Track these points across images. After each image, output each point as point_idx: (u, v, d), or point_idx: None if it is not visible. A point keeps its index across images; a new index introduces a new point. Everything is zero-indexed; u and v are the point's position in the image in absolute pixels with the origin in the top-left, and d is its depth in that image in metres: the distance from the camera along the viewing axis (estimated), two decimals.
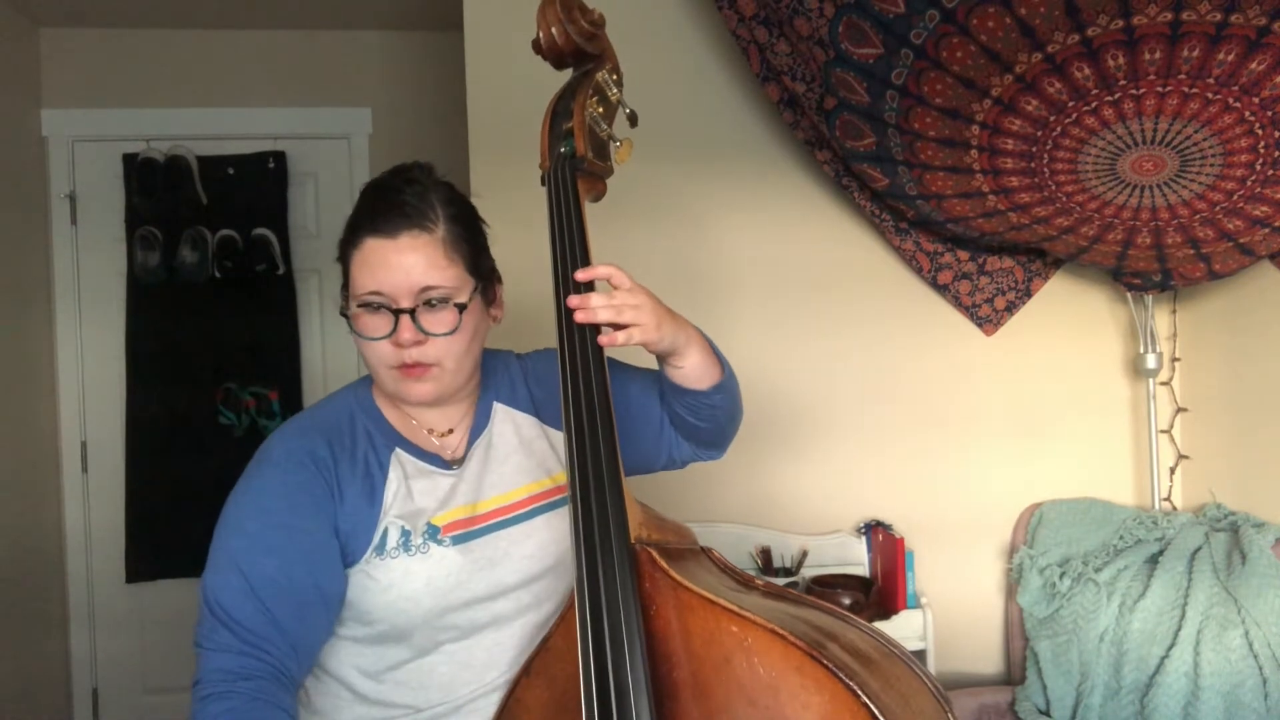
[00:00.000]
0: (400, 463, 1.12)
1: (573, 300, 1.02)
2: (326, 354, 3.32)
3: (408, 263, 1.05)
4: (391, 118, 3.29)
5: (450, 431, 1.19)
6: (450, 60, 2.93)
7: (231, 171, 3.22)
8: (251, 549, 1.02)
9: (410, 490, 1.11)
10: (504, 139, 2.30)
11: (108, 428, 3.21)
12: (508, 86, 2.31)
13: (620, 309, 1.02)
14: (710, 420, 1.21)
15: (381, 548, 1.07)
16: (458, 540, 1.09)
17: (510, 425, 1.21)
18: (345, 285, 1.11)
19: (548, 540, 1.15)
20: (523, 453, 1.20)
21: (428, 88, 3.26)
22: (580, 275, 1.03)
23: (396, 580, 1.06)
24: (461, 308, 1.08)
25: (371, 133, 3.30)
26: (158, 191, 3.11)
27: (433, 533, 1.09)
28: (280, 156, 3.24)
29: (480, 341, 1.15)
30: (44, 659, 3.08)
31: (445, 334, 1.08)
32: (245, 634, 0.99)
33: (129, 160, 3.17)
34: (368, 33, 3.29)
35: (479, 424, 1.20)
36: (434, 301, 1.07)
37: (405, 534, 1.08)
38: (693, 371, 1.14)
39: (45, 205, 3.17)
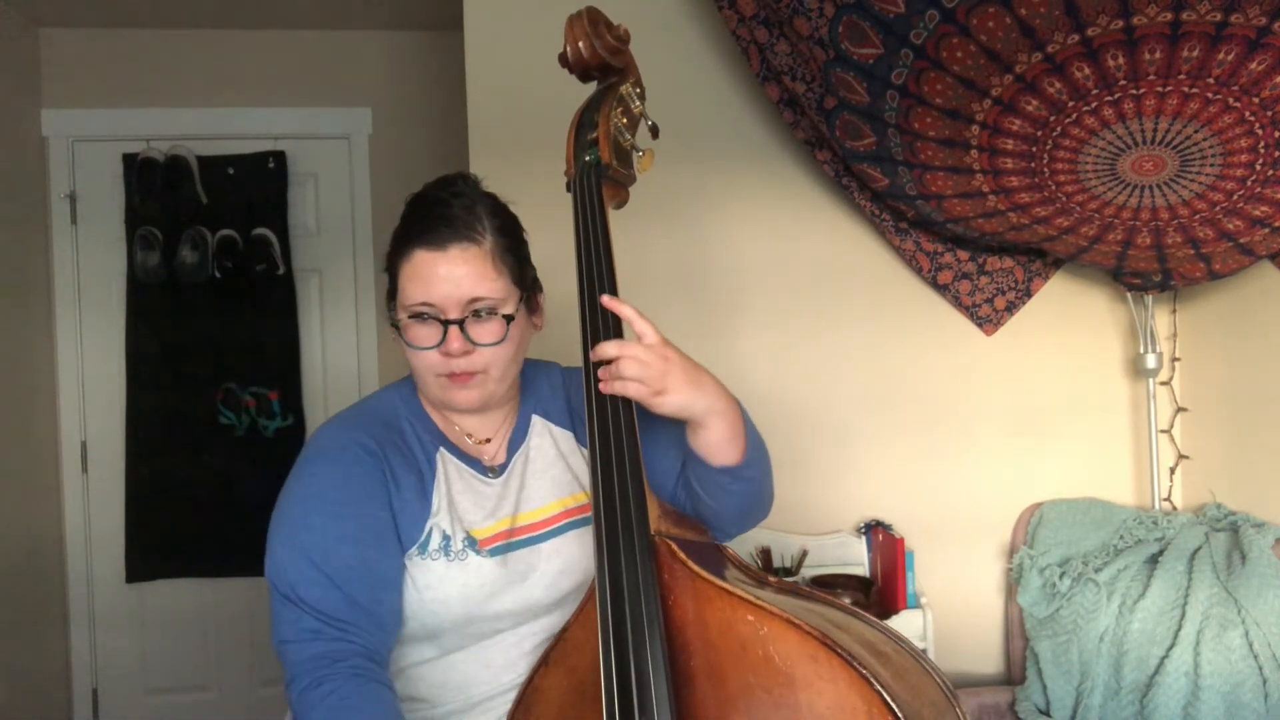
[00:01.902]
0: (445, 463, 1.15)
1: (594, 353, 1.04)
2: (326, 354, 3.32)
3: (456, 274, 1.08)
4: (391, 118, 3.29)
5: (488, 440, 1.21)
6: (450, 60, 2.93)
7: (231, 171, 3.22)
8: (323, 541, 1.05)
9: (454, 495, 1.14)
10: (504, 139, 2.30)
11: (108, 428, 3.21)
12: (508, 86, 2.31)
13: (626, 362, 1.02)
14: (715, 500, 1.18)
15: (424, 547, 1.10)
16: (494, 553, 1.12)
17: (548, 438, 1.24)
18: (392, 295, 1.14)
19: (578, 556, 1.16)
20: (559, 466, 1.22)
21: (428, 88, 3.27)
22: (606, 301, 1.05)
23: (433, 583, 1.08)
24: (509, 319, 1.11)
25: (371, 133, 3.30)
26: (158, 191, 3.11)
27: (472, 543, 1.11)
28: (280, 156, 3.24)
29: (523, 350, 1.18)
30: (44, 659, 3.08)
31: (493, 344, 1.10)
32: (332, 620, 1.02)
33: (129, 160, 3.17)
34: (368, 33, 3.29)
35: (518, 435, 1.23)
36: (481, 312, 1.09)
37: (446, 539, 1.10)
38: (706, 445, 1.12)
39: (45, 205, 3.17)
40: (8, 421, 2.91)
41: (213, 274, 3.16)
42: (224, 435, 3.21)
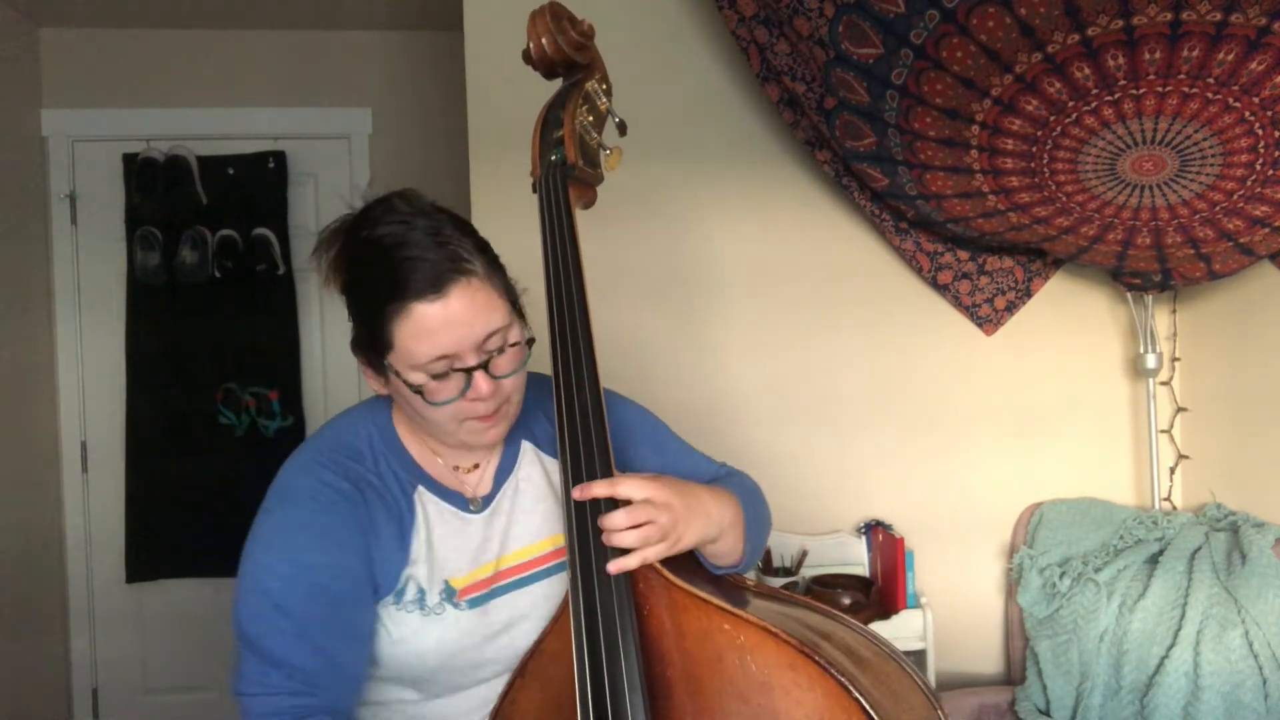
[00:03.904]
0: (424, 504, 1.08)
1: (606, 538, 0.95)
2: (326, 354, 3.32)
3: (466, 317, 0.97)
4: (391, 118, 3.29)
5: (475, 467, 1.14)
6: (450, 60, 2.93)
7: (231, 171, 3.22)
8: (292, 590, 0.97)
9: (433, 541, 1.06)
10: (504, 139, 2.30)
11: (108, 428, 3.21)
12: (508, 86, 2.31)
13: (623, 534, 0.94)
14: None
15: (399, 598, 1.03)
16: (474, 604, 1.06)
17: (539, 469, 1.16)
18: (375, 349, 1.01)
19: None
20: (550, 500, 1.14)
21: (428, 88, 3.27)
22: (577, 495, 0.97)
23: (407, 636, 1.03)
24: (531, 343, 1.04)
25: (371, 133, 3.30)
26: (158, 191, 3.11)
27: (449, 594, 1.05)
28: (280, 156, 3.24)
29: None
30: (44, 659, 3.08)
31: (514, 373, 1.03)
32: (299, 674, 0.95)
33: (129, 160, 3.17)
34: (368, 33, 3.29)
35: (506, 465, 1.15)
36: (502, 347, 1.02)
37: (421, 593, 1.04)
38: (712, 555, 1.06)
39: (45, 205, 3.17)
40: (8, 421, 2.91)
41: (213, 274, 3.16)
42: (224, 435, 3.21)
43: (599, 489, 0.95)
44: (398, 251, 0.98)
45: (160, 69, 3.21)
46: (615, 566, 0.93)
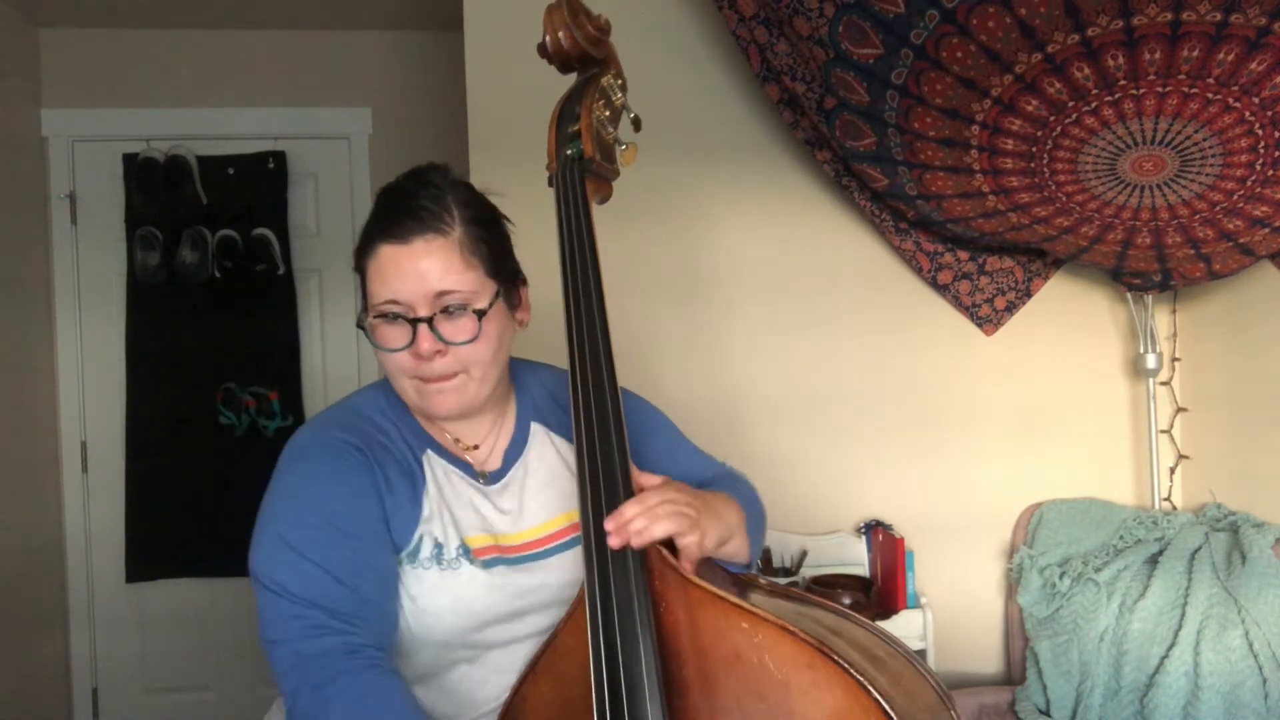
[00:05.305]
0: (433, 466, 1.10)
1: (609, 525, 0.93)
2: (326, 354, 3.32)
3: (422, 268, 1.02)
4: (391, 118, 3.29)
5: (476, 447, 1.15)
6: (450, 60, 2.94)
7: (231, 171, 3.22)
8: (319, 541, 0.99)
9: (446, 500, 1.08)
10: (504, 139, 2.30)
11: (108, 428, 3.21)
12: (508, 86, 2.31)
13: (625, 528, 0.92)
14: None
15: (415, 555, 1.05)
16: (489, 565, 1.07)
17: (550, 448, 1.18)
18: (364, 296, 1.07)
19: (582, 576, 1.09)
20: (565, 478, 1.16)
21: (428, 88, 3.26)
22: (611, 534, 0.92)
23: (424, 593, 1.04)
24: (481, 314, 1.04)
25: (371, 133, 3.30)
26: (158, 191, 3.11)
27: (465, 550, 1.06)
28: (280, 156, 3.24)
29: (506, 348, 1.12)
30: (44, 659, 3.08)
31: (465, 342, 1.04)
32: (340, 614, 0.96)
33: (129, 160, 3.17)
34: (368, 33, 3.29)
35: (516, 445, 1.17)
36: (452, 309, 1.03)
37: (439, 546, 1.05)
38: (728, 557, 1.06)
39: (45, 205, 3.17)
40: (8, 421, 2.91)
41: (213, 274, 3.16)
42: (224, 435, 3.21)
43: (628, 516, 0.92)
44: (395, 200, 1.06)
45: (160, 69, 3.21)
46: (638, 539, 0.90)
